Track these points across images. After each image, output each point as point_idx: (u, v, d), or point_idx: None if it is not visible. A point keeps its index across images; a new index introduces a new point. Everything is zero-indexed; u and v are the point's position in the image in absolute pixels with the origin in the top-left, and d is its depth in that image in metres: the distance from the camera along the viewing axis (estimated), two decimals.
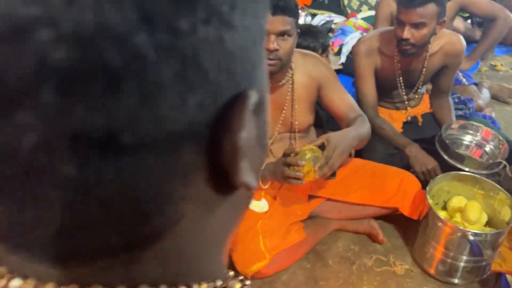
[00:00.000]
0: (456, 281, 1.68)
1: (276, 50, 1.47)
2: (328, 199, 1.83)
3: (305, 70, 1.70)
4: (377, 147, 2.07)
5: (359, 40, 2.09)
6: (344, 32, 3.49)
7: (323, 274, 1.76)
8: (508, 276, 1.68)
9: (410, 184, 1.78)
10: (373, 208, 1.82)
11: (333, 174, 1.86)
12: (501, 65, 3.48)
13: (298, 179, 1.44)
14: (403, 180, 1.78)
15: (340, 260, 1.81)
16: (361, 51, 2.03)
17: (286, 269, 1.76)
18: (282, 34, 1.47)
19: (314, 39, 2.11)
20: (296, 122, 1.76)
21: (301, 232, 1.72)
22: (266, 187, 1.67)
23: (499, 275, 1.70)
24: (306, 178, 1.46)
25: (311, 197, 1.86)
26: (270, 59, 1.48)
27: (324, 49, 2.16)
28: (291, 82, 1.69)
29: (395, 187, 1.77)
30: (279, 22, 1.45)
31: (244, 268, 1.59)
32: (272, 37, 1.46)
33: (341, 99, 1.77)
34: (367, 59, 2.03)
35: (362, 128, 1.64)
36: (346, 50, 3.24)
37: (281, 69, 1.56)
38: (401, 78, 2.09)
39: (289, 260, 1.71)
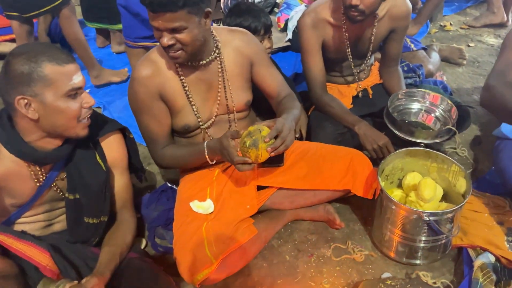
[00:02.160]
0: (417, 261, 1.61)
1: (172, 45, 1.41)
2: (279, 189, 1.71)
3: (234, 46, 1.61)
4: (326, 127, 1.96)
5: (304, 12, 1.95)
6: (289, 6, 3.32)
7: (281, 271, 1.65)
8: (469, 250, 1.61)
9: (360, 163, 1.68)
10: (325, 192, 1.72)
11: (281, 161, 1.74)
12: (450, 24, 3.42)
13: (249, 163, 1.44)
14: (353, 160, 1.67)
15: (297, 254, 1.71)
16: (307, 23, 1.90)
17: (241, 270, 1.64)
18: (172, 31, 1.39)
19: (255, 19, 1.95)
20: (232, 102, 1.65)
21: (251, 229, 1.60)
22: (213, 162, 1.60)
23: (461, 250, 1.64)
24: (254, 152, 1.41)
25: (260, 188, 1.73)
26: (171, 52, 1.43)
27: (266, 29, 2.00)
28: (219, 60, 1.59)
29: (345, 168, 1.67)
30: (164, 18, 1.35)
31: (190, 277, 1.45)
32: (163, 33, 1.39)
33: (272, 77, 1.71)
34: (313, 32, 1.90)
35: (296, 110, 1.61)
36: (291, 25, 3.09)
37: (190, 55, 1.47)
38: (349, 49, 1.98)
39: (242, 260, 1.58)
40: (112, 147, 1.47)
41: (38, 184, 1.33)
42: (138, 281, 1.36)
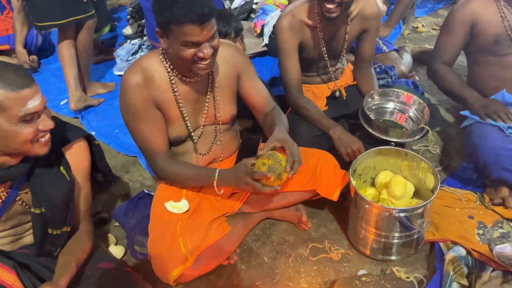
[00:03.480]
0: (392, 257, 1.65)
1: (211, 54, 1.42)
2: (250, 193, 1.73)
3: (222, 58, 1.62)
4: (301, 130, 1.99)
5: (280, 15, 1.99)
6: (265, 12, 3.36)
7: (259, 273, 1.67)
8: (441, 244, 1.66)
9: (327, 164, 1.71)
10: (294, 194, 1.74)
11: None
12: (423, 26, 3.50)
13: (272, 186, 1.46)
14: (319, 160, 1.70)
15: (275, 255, 1.73)
16: (284, 26, 1.93)
17: (220, 274, 1.66)
18: (212, 37, 1.40)
19: (225, 23, 1.98)
20: (219, 114, 1.67)
21: (224, 226, 1.62)
22: (221, 192, 1.59)
23: (434, 245, 1.69)
24: (278, 182, 1.46)
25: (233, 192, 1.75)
26: (204, 62, 1.42)
27: (237, 33, 2.04)
28: (210, 72, 1.60)
29: (312, 169, 1.69)
30: (208, 28, 1.36)
31: (165, 274, 1.46)
32: (204, 45, 1.39)
33: (258, 90, 1.72)
34: (291, 34, 1.94)
35: (285, 121, 1.66)
36: (267, 31, 3.13)
37: (214, 63, 1.50)
38: (325, 48, 2.02)
39: (216, 258, 1.60)
40: (76, 156, 1.45)
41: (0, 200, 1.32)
42: None
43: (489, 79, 2.05)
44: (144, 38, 3.39)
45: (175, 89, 1.55)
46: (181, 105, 1.57)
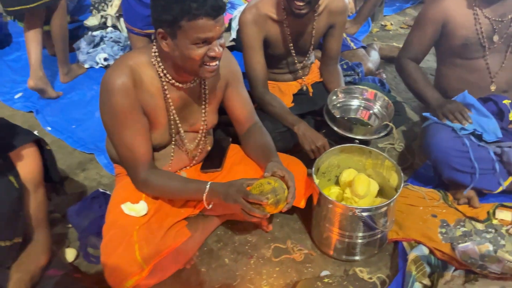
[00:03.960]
0: (356, 257, 1.62)
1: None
2: None
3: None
4: (266, 126, 1.93)
5: (244, 8, 1.92)
6: (233, 6, 3.29)
7: (219, 276, 1.60)
8: (404, 243, 1.64)
9: (295, 169, 1.65)
10: None
11: (219, 165, 1.70)
12: (391, 24, 3.51)
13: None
14: (289, 166, 1.65)
15: (237, 257, 1.67)
16: (248, 20, 1.86)
17: (179, 275, 1.59)
18: (221, 34, 1.31)
19: None
20: (205, 122, 1.59)
21: (185, 232, 1.54)
22: (210, 207, 1.47)
23: (397, 244, 1.66)
24: (272, 209, 1.39)
25: None
26: (214, 62, 1.32)
27: None
28: (203, 79, 1.52)
29: None
30: (220, 23, 1.27)
31: (119, 284, 1.36)
32: (214, 42, 1.29)
33: (243, 102, 1.65)
34: (255, 28, 1.87)
35: (272, 142, 1.65)
36: (235, 25, 3.05)
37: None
38: (292, 44, 1.97)
39: (174, 264, 1.52)
40: (25, 162, 1.33)
41: None
42: None
43: (454, 80, 2.05)
44: (108, 29, 3.26)
45: (168, 95, 1.44)
46: (171, 112, 1.48)
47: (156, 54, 1.40)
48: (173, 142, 1.56)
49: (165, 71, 1.41)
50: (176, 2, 1.22)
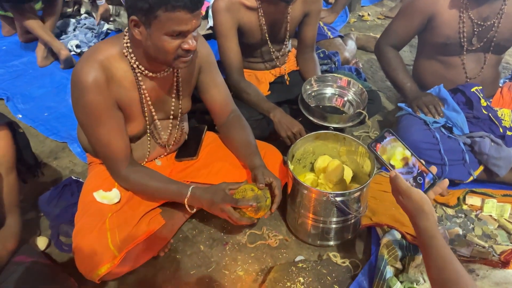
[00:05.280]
0: (331, 243, 1.63)
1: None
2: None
3: None
4: (242, 114, 1.93)
5: None
6: None
7: (194, 262, 1.60)
8: (377, 229, 1.66)
9: (272, 157, 1.66)
10: None
11: (194, 154, 1.69)
12: (368, 14, 3.53)
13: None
14: (266, 154, 1.65)
15: (212, 244, 1.67)
16: (220, 7, 1.84)
17: (153, 265, 1.58)
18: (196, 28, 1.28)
19: None
20: (180, 109, 1.57)
21: (158, 220, 1.52)
22: (194, 211, 1.48)
23: (370, 229, 1.69)
24: (252, 215, 1.43)
25: None
26: (187, 56, 1.30)
27: None
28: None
29: None
30: (197, 17, 1.24)
31: (90, 272, 1.34)
32: (190, 35, 1.27)
33: (218, 89, 1.62)
34: (228, 15, 1.85)
35: (252, 135, 1.66)
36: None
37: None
38: (267, 33, 1.96)
39: (147, 252, 1.51)
40: None
41: None
42: (32, 286, 1.25)
43: (431, 74, 2.07)
44: (82, 16, 3.18)
45: (142, 87, 1.41)
46: (146, 103, 1.45)
47: (128, 44, 1.35)
48: (148, 132, 1.54)
49: (137, 63, 1.37)
50: None
